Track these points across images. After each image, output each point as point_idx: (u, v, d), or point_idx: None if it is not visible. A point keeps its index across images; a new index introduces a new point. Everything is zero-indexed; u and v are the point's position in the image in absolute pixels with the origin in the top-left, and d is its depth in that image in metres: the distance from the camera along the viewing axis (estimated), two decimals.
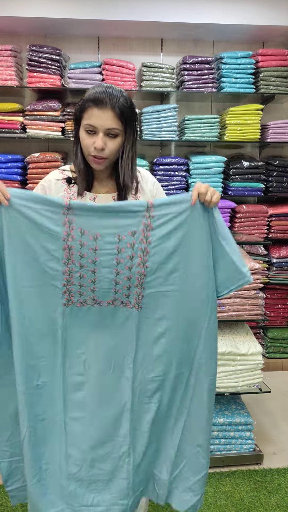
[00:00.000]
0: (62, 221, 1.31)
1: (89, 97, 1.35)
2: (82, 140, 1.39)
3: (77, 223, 1.32)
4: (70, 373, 1.43)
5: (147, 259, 1.37)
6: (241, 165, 3.58)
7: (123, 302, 1.40)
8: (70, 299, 1.38)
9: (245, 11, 3.44)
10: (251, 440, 2.49)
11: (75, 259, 1.35)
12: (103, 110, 1.34)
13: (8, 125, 3.42)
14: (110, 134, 1.37)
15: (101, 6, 3.34)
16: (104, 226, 1.33)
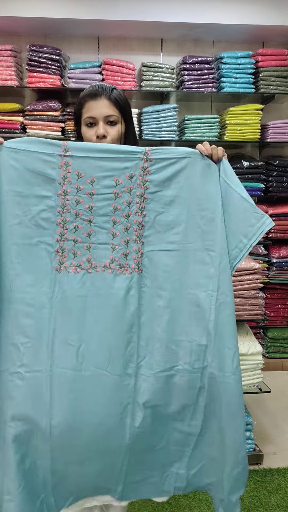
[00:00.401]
0: (58, 163, 1.27)
1: (84, 94, 1.44)
2: (84, 134, 1.42)
3: (73, 166, 1.28)
4: (58, 365, 1.25)
5: (144, 206, 1.31)
6: (241, 165, 3.58)
7: (121, 265, 1.29)
8: (63, 261, 1.27)
9: (245, 11, 3.44)
10: (251, 440, 2.49)
11: (71, 206, 1.28)
12: (98, 100, 1.40)
13: (8, 125, 3.42)
14: (109, 121, 1.41)
15: (101, 6, 3.34)
16: (101, 169, 1.28)
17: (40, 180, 1.27)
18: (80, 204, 1.28)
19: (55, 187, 1.27)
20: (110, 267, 1.28)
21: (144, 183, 1.30)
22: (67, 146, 1.28)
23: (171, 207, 1.31)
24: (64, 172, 1.27)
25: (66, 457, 1.26)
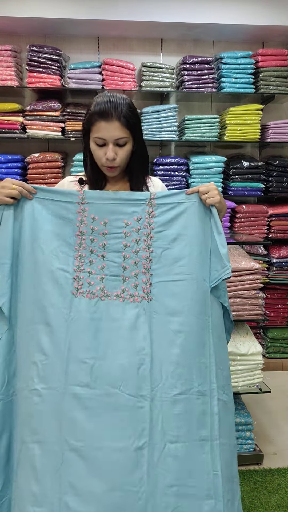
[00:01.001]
0: (76, 210, 1.45)
1: (94, 111, 1.41)
2: (93, 151, 1.46)
3: (89, 211, 1.45)
4: (73, 383, 1.31)
5: (151, 243, 1.46)
6: (241, 165, 3.58)
7: (131, 294, 1.42)
8: (79, 288, 1.41)
9: (245, 11, 3.44)
10: (251, 440, 2.49)
11: (87, 244, 1.45)
12: (110, 122, 1.40)
13: (8, 125, 3.42)
14: (118, 144, 1.44)
15: (101, 6, 3.34)
16: (112, 213, 1.46)
17: (62, 222, 1.46)
18: (94, 242, 1.46)
19: (73, 229, 1.45)
20: (121, 296, 1.43)
21: (150, 224, 1.47)
22: (83, 195, 1.46)
23: (175, 243, 1.47)
24: (81, 217, 1.45)
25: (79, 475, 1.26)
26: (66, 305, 1.39)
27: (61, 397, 1.30)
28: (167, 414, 1.31)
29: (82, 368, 1.32)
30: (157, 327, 1.39)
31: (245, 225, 3.68)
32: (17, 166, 3.47)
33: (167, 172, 3.55)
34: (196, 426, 1.34)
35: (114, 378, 1.32)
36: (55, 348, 1.34)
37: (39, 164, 3.43)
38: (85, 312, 1.38)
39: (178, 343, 1.38)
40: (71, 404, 1.30)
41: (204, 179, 3.58)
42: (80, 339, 1.35)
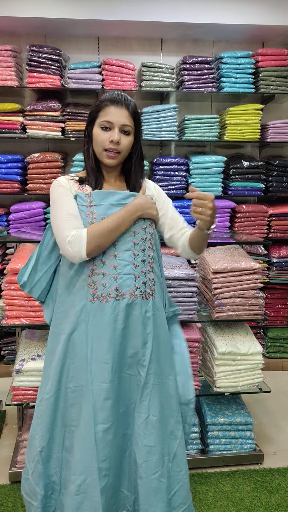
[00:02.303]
0: (86, 212, 1.50)
1: (105, 98, 1.50)
2: (97, 136, 1.50)
3: (98, 213, 1.50)
4: (98, 381, 1.49)
5: (153, 242, 1.59)
6: (241, 165, 3.58)
7: (142, 292, 1.52)
8: (95, 293, 1.50)
9: (245, 11, 3.44)
10: (252, 440, 2.49)
11: None
12: (119, 108, 1.48)
13: (8, 125, 3.42)
14: (124, 130, 1.50)
15: (101, 6, 3.34)
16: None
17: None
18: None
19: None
20: (134, 294, 1.52)
21: (153, 224, 1.57)
22: (91, 198, 1.52)
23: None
24: (90, 219, 1.50)
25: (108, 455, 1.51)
26: (85, 313, 1.51)
27: (88, 392, 1.49)
28: (154, 395, 1.53)
29: (104, 368, 1.49)
30: (157, 323, 1.56)
31: (245, 225, 3.68)
32: (17, 166, 3.47)
33: (167, 172, 3.55)
34: (167, 405, 1.58)
35: (124, 365, 1.53)
36: (80, 352, 1.52)
37: (39, 164, 3.43)
38: (102, 317, 1.50)
39: (167, 338, 1.63)
40: (100, 396, 1.48)
41: (204, 179, 3.58)
42: (100, 343, 1.50)
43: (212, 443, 2.46)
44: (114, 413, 1.50)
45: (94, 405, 1.48)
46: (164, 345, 1.59)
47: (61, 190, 1.55)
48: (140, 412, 1.53)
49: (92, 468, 1.48)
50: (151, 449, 1.52)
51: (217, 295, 2.37)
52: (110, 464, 1.51)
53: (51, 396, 1.55)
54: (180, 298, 2.34)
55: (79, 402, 1.51)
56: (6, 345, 3.50)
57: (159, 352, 1.56)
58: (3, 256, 3.54)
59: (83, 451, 1.49)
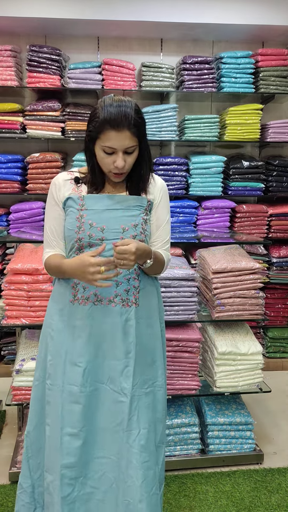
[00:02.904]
0: (76, 216, 1.48)
1: (105, 118, 1.37)
2: (101, 159, 1.44)
3: (87, 217, 1.47)
4: (68, 382, 1.49)
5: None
6: (241, 165, 3.58)
7: (123, 299, 1.49)
8: (76, 294, 1.50)
9: (245, 11, 3.44)
10: (252, 440, 2.49)
11: (85, 250, 1.48)
12: (120, 132, 1.37)
13: (8, 125, 3.42)
14: (127, 152, 1.43)
15: (101, 6, 3.34)
16: (110, 218, 1.48)
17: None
18: (92, 248, 1.47)
19: (73, 235, 1.49)
20: (113, 301, 1.49)
21: (144, 231, 1.52)
22: (83, 201, 1.49)
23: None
24: (79, 223, 1.47)
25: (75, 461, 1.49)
26: (65, 313, 1.52)
27: (60, 392, 1.50)
28: (141, 406, 1.52)
29: (76, 371, 1.48)
30: (141, 332, 1.53)
31: (245, 225, 3.68)
32: (17, 166, 3.47)
33: (167, 172, 3.55)
34: (155, 411, 1.57)
35: (105, 377, 1.50)
36: (56, 351, 1.52)
37: (39, 164, 3.43)
38: (80, 319, 1.49)
39: (152, 345, 1.58)
40: (68, 398, 1.48)
41: (204, 179, 3.58)
42: (75, 344, 1.49)
43: (212, 443, 2.46)
44: (86, 423, 1.47)
45: (62, 406, 1.48)
46: (150, 353, 1.56)
47: (50, 199, 1.54)
48: (131, 429, 1.48)
49: (56, 470, 1.48)
50: (148, 465, 1.49)
51: (217, 295, 2.37)
52: (80, 474, 1.47)
53: (40, 383, 1.59)
54: (180, 298, 2.34)
55: (50, 401, 1.52)
56: (6, 345, 3.50)
57: (145, 361, 1.54)
58: (3, 256, 3.54)
59: (52, 450, 1.50)
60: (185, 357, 2.34)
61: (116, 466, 1.50)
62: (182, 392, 2.37)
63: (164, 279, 2.28)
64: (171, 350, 2.31)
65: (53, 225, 1.54)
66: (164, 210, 1.59)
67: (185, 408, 2.51)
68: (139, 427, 1.49)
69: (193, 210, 3.60)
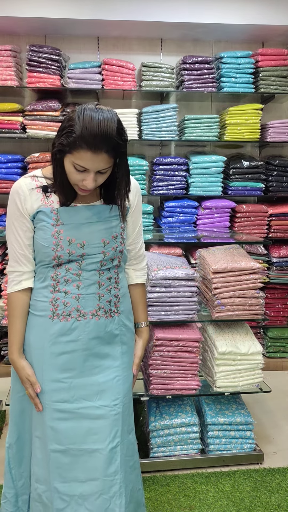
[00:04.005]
0: (51, 232, 1.38)
1: (82, 136, 1.21)
2: (69, 173, 1.30)
3: (64, 234, 1.38)
4: (52, 399, 1.43)
5: (121, 258, 1.51)
6: (241, 164, 3.58)
7: (106, 311, 1.45)
8: (55, 311, 1.42)
9: (245, 11, 3.44)
10: (252, 440, 2.49)
11: (63, 265, 1.41)
12: (98, 154, 1.23)
13: (8, 125, 3.42)
14: (100, 172, 1.30)
15: (101, 6, 3.34)
16: (90, 232, 1.40)
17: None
18: (71, 263, 1.41)
19: (50, 253, 1.39)
20: (97, 314, 1.44)
21: (124, 241, 1.48)
22: (58, 215, 1.38)
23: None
24: (56, 240, 1.38)
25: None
26: (44, 329, 1.43)
27: (44, 409, 1.43)
28: (127, 413, 1.50)
29: (59, 387, 1.42)
30: (123, 338, 1.52)
31: (245, 225, 3.68)
32: (17, 166, 3.47)
33: (167, 172, 3.55)
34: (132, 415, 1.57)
35: (90, 393, 1.44)
36: (35, 368, 1.45)
37: (39, 164, 3.43)
38: (61, 336, 1.42)
39: (132, 350, 1.59)
40: (53, 415, 1.43)
41: (204, 179, 3.58)
42: (56, 362, 1.42)
43: (212, 443, 2.46)
44: (71, 439, 1.42)
45: (48, 424, 1.42)
46: (130, 362, 1.57)
47: (14, 211, 1.39)
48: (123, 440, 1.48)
49: (49, 484, 1.44)
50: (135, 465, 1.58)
51: (217, 295, 2.37)
52: (72, 491, 1.42)
53: (21, 396, 1.51)
54: (180, 298, 2.34)
55: (39, 416, 1.46)
56: (6, 345, 3.50)
57: (129, 365, 1.55)
58: (3, 256, 3.54)
59: (43, 462, 1.45)
60: (185, 357, 2.34)
61: (108, 484, 1.44)
62: (182, 392, 2.37)
63: (164, 279, 2.28)
64: (171, 350, 2.31)
65: (21, 237, 1.39)
66: (139, 213, 1.55)
67: (185, 408, 2.51)
68: (127, 434, 1.50)
69: (193, 210, 3.60)
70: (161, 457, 2.41)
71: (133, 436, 1.55)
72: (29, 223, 1.39)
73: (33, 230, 1.41)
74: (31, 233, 1.41)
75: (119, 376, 1.48)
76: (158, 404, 2.54)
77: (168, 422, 2.40)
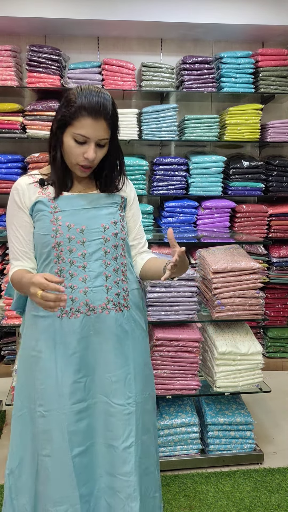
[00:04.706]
0: (49, 219, 1.38)
1: (83, 105, 1.29)
2: (70, 147, 1.34)
3: (63, 219, 1.38)
4: (69, 402, 1.39)
5: (125, 248, 1.48)
6: (241, 164, 3.58)
7: (115, 304, 1.42)
8: (63, 308, 1.38)
9: (245, 11, 3.44)
10: (252, 440, 2.49)
11: (65, 257, 1.38)
12: (97, 121, 1.30)
13: (8, 125, 3.42)
14: (99, 144, 1.35)
15: (101, 6, 3.34)
16: (89, 217, 1.40)
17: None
18: (73, 253, 1.38)
19: (49, 240, 1.38)
20: (107, 308, 1.41)
21: (124, 228, 1.47)
22: (55, 203, 1.38)
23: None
24: (55, 226, 1.37)
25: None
26: (53, 329, 1.40)
27: (61, 416, 1.38)
28: (142, 413, 1.47)
29: (76, 388, 1.39)
30: (136, 335, 1.49)
31: (245, 225, 3.68)
32: (17, 166, 3.47)
33: (167, 172, 3.55)
34: (153, 416, 1.57)
35: (104, 389, 1.42)
36: (47, 374, 1.40)
37: (39, 164, 3.42)
38: (72, 334, 1.39)
39: (147, 347, 1.56)
40: (73, 418, 1.39)
41: (204, 179, 3.58)
42: (70, 361, 1.39)
43: (212, 443, 2.46)
44: (89, 434, 1.41)
45: (67, 429, 1.37)
46: (144, 354, 1.53)
47: (13, 206, 1.42)
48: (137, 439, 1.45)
49: (73, 497, 1.37)
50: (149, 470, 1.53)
51: (217, 295, 2.37)
52: (91, 489, 1.42)
53: (24, 413, 1.45)
54: (180, 298, 2.34)
55: (48, 430, 1.39)
56: (6, 345, 3.50)
57: (142, 364, 1.50)
58: (3, 256, 3.54)
59: (61, 480, 1.38)
60: (185, 357, 2.34)
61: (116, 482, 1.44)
62: (182, 392, 2.37)
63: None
64: (171, 350, 2.31)
65: (21, 234, 1.40)
66: (137, 207, 1.57)
67: (185, 408, 2.51)
68: (142, 435, 1.46)
69: (193, 210, 3.60)
70: (161, 457, 2.41)
71: (149, 438, 1.51)
72: (28, 217, 1.41)
73: (32, 226, 1.41)
74: (31, 228, 1.41)
75: (131, 375, 1.45)
76: (158, 404, 2.54)
77: (168, 422, 2.40)
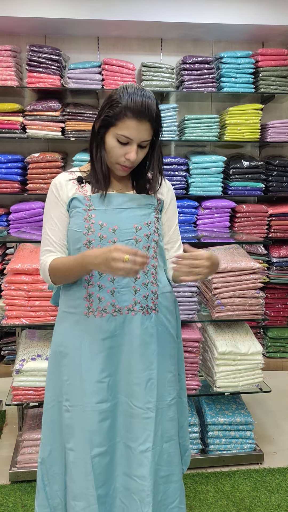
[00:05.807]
0: (83, 216, 1.38)
1: (128, 106, 1.29)
2: (112, 147, 1.35)
3: (96, 218, 1.38)
4: (92, 401, 1.39)
5: (157, 251, 1.46)
6: (241, 164, 3.58)
7: (142, 306, 1.41)
8: (90, 306, 1.39)
9: (245, 11, 3.44)
10: (252, 440, 2.49)
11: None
12: (142, 123, 1.30)
13: (8, 125, 3.42)
14: (141, 145, 1.35)
15: (101, 6, 3.34)
16: (122, 218, 1.39)
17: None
18: None
19: (82, 237, 1.38)
20: (133, 309, 1.40)
21: (158, 230, 1.45)
22: (90, 201, 1.40)
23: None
24: (88, 224, 1.38)
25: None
26: (79, 327, 1.41)
27: (83, 413, 1.39)
28: (164, 419, 1.45)
29: (100, 387, 1.39)
30: (162, 340, 1.45)
31: (245, 225, 3.68)
32: (17, 166, 3.47)
33: (167, 172, 3.55)
34: (179, 424, 1.54)
35: (126, 390, 1.41)
36: (73, 370, 1.41)
37: (39, 164, 3.43)
38: (97, 333, 1.39)
39: (174, 353, 1.52)
40: (96, 418, 1.39)
41: (204, 179, 3.58)
42: (95, 361, 1.39)
43: (212, 443, 2.46)
44: (110, 435, 1.41)
45: (89, 428, 1.38)
46: (171, 360, 1.49)
47: (52, 199, 1.43)
48: (156, 446, 1.43)
49: (90, 496, 1.39)
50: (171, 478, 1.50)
51: (217, 295, 2.37)
52: (108, 490, 1.42)
53: (52, 406, 1.48)
54: (180, 298, 2.34)
55: (72, 424, 1.41)
56: (6, 345, 3.50)
57: (167, 370, 1.47)
58: (3, 256, 3.54)
59: (80, 476, 1.40)
60: (185, 357, 2.33)
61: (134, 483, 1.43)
62: None
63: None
64: None
65: (57, 226, 1.42)
66: (174, 212, 1.55)
67: None
68: (162, 442, 1.45)
69: (193, 210, 3.60)
70: None
71: (172, 446, 1.48)
72: (65, 211, 1.42)
73: (68, 221, 1.42)
74: (67, 219, 1.42)
75: (153, 380, 1.42)
76: None
77: None
